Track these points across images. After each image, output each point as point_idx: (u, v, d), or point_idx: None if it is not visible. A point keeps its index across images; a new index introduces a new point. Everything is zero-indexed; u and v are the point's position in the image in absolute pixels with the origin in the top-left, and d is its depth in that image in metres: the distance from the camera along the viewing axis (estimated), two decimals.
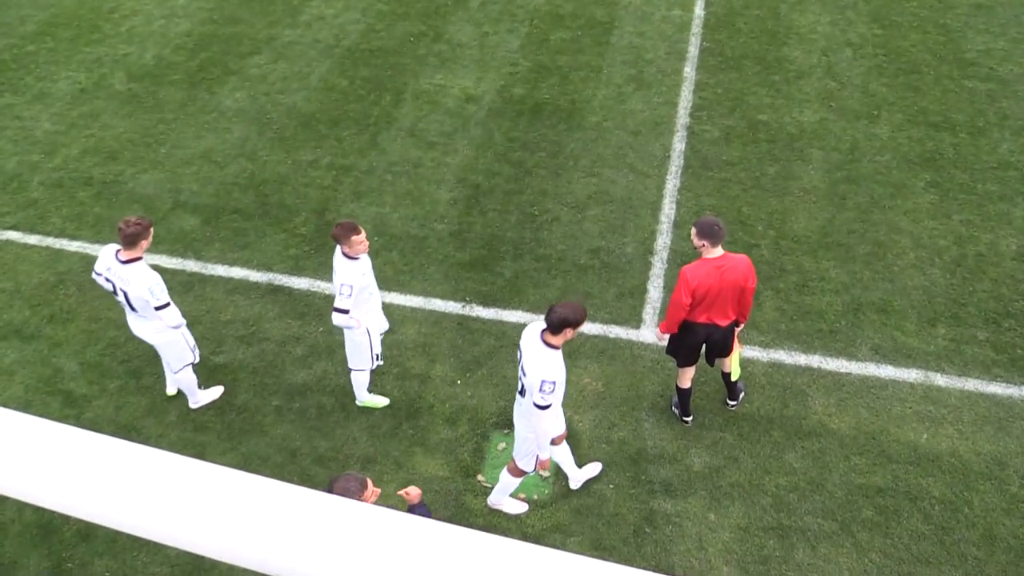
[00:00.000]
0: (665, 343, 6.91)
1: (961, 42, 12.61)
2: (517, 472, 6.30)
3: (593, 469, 6.79)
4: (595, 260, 8.81)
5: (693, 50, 12.34)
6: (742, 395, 7.25)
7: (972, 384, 7.59)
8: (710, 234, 6.21)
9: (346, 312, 6.53)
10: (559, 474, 6.86)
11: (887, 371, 7.67)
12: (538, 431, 5.75)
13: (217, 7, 13.34)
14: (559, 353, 5.54)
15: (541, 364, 5.49)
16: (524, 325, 8.02)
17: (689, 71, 11.86)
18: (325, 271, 8.65)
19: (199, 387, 7.36)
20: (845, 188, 9.71)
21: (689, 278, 6.27)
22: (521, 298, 8.38)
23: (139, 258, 6.49)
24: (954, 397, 7.47)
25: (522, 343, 5.71)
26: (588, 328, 8.03)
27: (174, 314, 6.68)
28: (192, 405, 7.40)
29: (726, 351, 6.76)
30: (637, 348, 7.87)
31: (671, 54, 12.24)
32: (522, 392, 5.79)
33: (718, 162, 10.14)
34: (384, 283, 8.49)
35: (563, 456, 6.52)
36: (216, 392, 7.51)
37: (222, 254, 8.93)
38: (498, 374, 7.63)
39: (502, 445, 7.08)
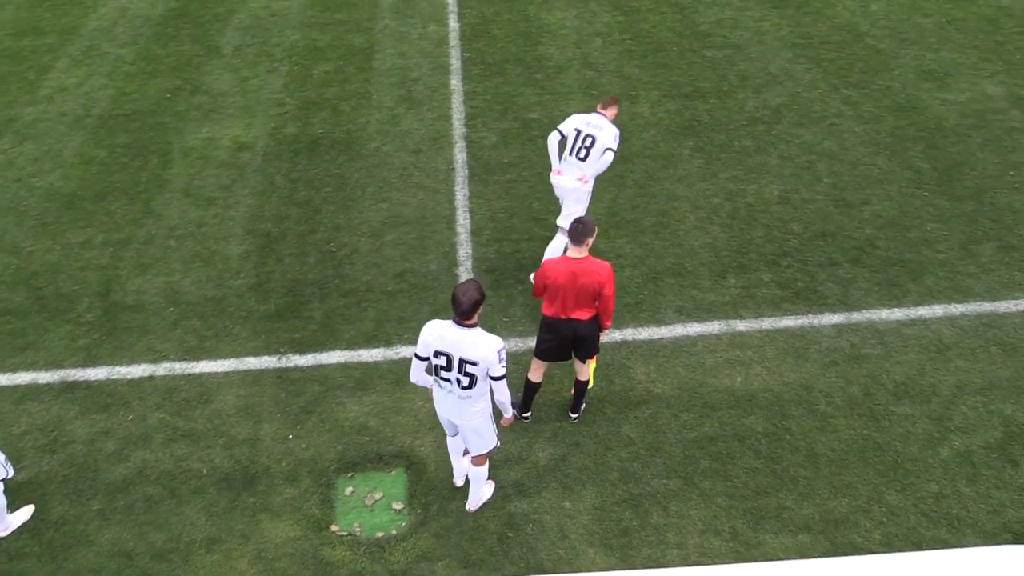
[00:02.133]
0: None
1: (694, 17, 13.68)
2: (483, 459, 6.42)
3: None
4: (402, 283, 8.79)
5: (455, 62, 12.61)
6: (583, 407, 7.42)
7: (768, 323, 8.25)
8: (571, 233, 6.50)
9: None
10: (412, 503, 6.79)
11: (693, 328, 8.17)
12: (504, 398, 5.96)
13: None
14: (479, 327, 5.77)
15: (485, 341, 5.69)
16: (344, 365, 7.94)
17: (456, 83, 12.10)
18: (123, 354, 8.09)
19: (7, 511, 6.65)
20: (621, 168, 10.25)
21: (545, 268, 6.62)
22: (336, 337, 8.22)
23: None
24: (755, 338, 8.08)
25: (440, 343, 5.74)
26: (410, 352, 8.00)
27: None
28: (1, 533, 6.69)
29: (593, 349, 6.88)
30: None
31: (435, 69, 12.44)
32: (470, 385, 5.82)
33: (501, 165, 10.41)
34: (190, 353, 8.08)
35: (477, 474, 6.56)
36: (26, 513, 6.82)
37: (1, 361, 8.14)
38: (330, 419, 7.45)
39: (349, 489, 6.91)
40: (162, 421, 7.48)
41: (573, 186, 8.12)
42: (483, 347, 5.69)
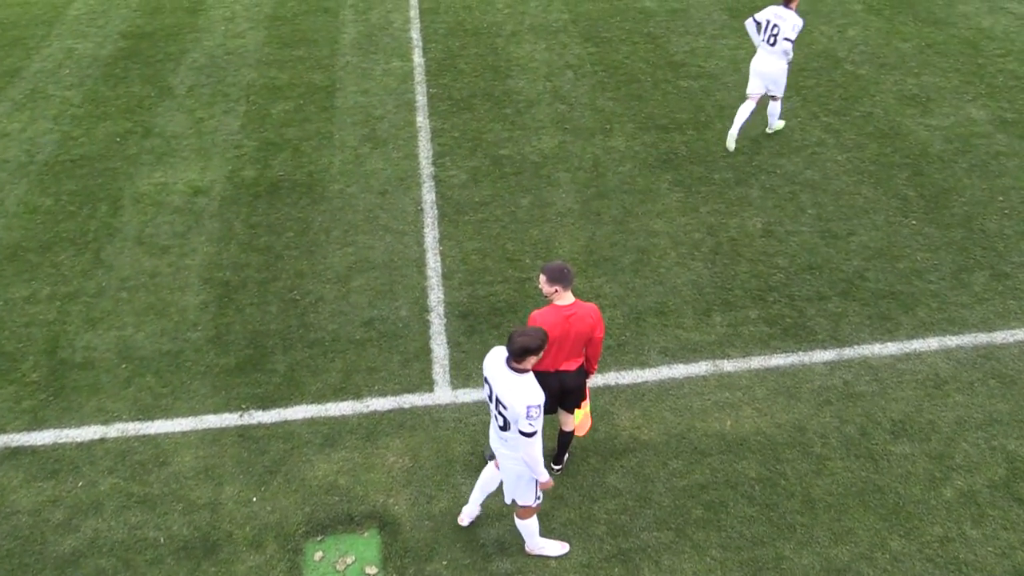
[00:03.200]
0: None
1: (667, 47, 13.92)
2: (528, 512, 6.33)
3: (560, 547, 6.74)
4: (371, 331, 8.73)
5: (421, 98, 12.70)
6: (567, 457, 7.34)
7: (756, 362, 8.26)
8: (560, 278, 6.23)
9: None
10: (386, 567, 6.66)
11: (679, 370, 8.17)
12: (530, 458, 5.80)
13: None
14: (531, 375, 5.69)
15: (520, 392, 5.60)
16: (311, 420, 7.84)
17: (422, 120, 12.17)
18: (71, 416, 7.93)
19: None
20: (598, 204, 10.32)
21: (538, 323, 6.27)
22: (302, 391, 8.12)
23: None
24: (744, 378, 8.09)
25: (489, 372, 5.79)
26: (381, 404, 7.93)
27: None
28: None
29: (580, 397, 6.75)
30: (436, 412, 7.86)
31: (400, 106, 12.52)
32: (505, 427, 5.82)
33: (471, 204, 10.44)
34: (145, 412, 7.93)
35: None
36: None
37: None
38: (296, 478, 7.32)
39: (319, 554, 6.77)
40: (115, 487, 7.31)
41: (766, 70, 10.77)
42: (517, 396, 5.62)
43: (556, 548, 6.68)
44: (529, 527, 6.47)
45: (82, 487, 7.34)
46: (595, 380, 8.05)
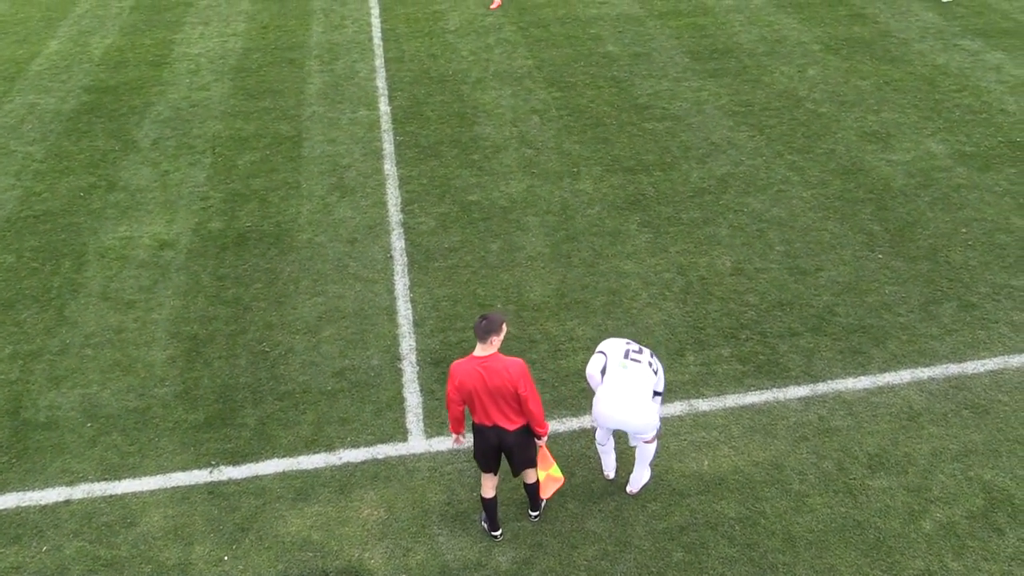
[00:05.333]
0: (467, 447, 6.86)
1: (631, 90, 14.14)
2: (654, 439, 7.06)
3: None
4: (342, 382, 8.64)
5: (388, 146, 12.76)
6: (544, 503, 7.27)
7: (731, 400, 8.28)
8: (476, 329, 6.27)
9: None
10: None
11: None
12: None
13: None
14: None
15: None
16: (283, 474, 7.71)
17: (390, 168, 12.22)
18: (35, 478, 7.74)
19: None
20: (568, 247, 10.37)
21: (452, 372, 6.36)
22: (273, 444, 7.99)
23: None
24: (720, 417, 8.09)
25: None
26: (354, 455, 7.83)
27: None
28: None
29: (525, 460, 6.67)
30: (410, 462, 7.77)
31: (368, 154, 12.56)
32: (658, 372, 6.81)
33: (441, 251, 10.45)
34: (111, 471, 7.77)
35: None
36: None
37: None
38: (269, 535, 7.17)
39: None
40: (80, 550, 7.12)
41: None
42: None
43: (648, 475, 7.42)
44: (651, 451, 7.11)
45: (47, 552, 7.14)
46: (570, 424, 8.02)
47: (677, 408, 8.18)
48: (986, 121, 12.80)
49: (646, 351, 6.94)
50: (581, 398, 8.28)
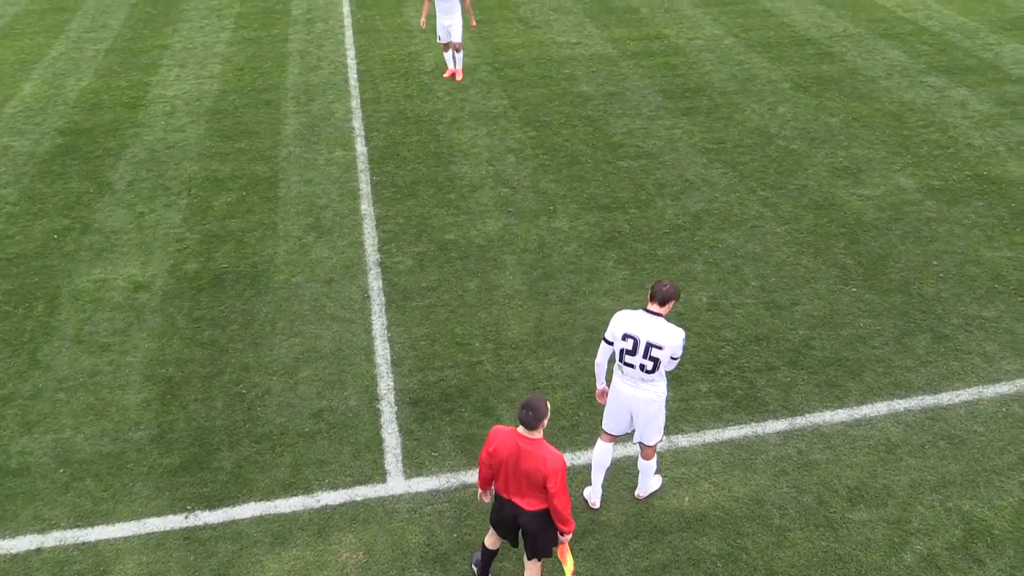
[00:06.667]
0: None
1: (605, 129, 14.29)
2: (652, 452, 7.31)
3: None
4: (320, 423, 8.56)
5: (365, 186, 12.78)
6: None
7: (711, 435, 8.28)
8: (523, 421, 5.92)
9: None
10: None
11: (634, 448, 8.12)
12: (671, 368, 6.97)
13: None
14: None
15: (671, 329, 6.74)
16: (260, 518, 7.59)
17: (367, 208, 12.23)
18: (5, 526, 7.57)
19: None
20: (545, 285, 10.40)
21: (491, 435, 6.09)
22: (250, 488, 7.88)
23: None
24: (699, 453, 8.08)
25: (631, 328, 6.77)
26: (332, 497, 7.73)
27: None
28: None
29: (540, 548, 6.35)
30: (389, 503, 7.68)
31: (345, 195, 12.57)
32: (654, 369, 6.80)
33: (418, 290, 10.44)
34: (84, 518, 7.61)
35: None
36: None
37: None
38: None
39: None
40: None
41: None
42: (669, 333, 6.72)
43: (658, 481, 7.73)
44: (651, 466, 7.38)
45: None
46: None
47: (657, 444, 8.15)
48: (953, 155, 13.04)
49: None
50: (561, 435, 8.24)
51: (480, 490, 6.47)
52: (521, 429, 5.97)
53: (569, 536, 6.23)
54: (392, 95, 15.94)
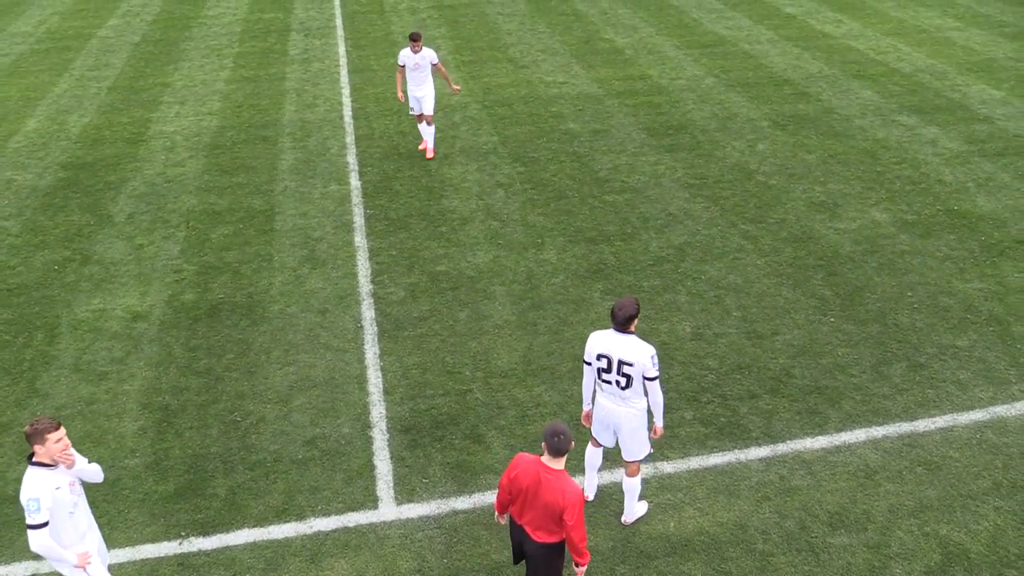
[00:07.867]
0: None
1: (592, 164, 14.36)
2: (638, 469, 7.32)
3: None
4: (313, 450, 8.48)
5: (359, 220, 12.78)
6: None
7: (695, 462, 8.24)
8: (550, 448, 5.84)
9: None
10: None
11: (620, 474, 8.06)
12: (657, 401, 6.90)
13: None
14: (637, 337, 6.83)
15: (640, 346, 6.73)
16: (253, 544, 7.49)
17: (360, 240, 12.22)
18: (2, 553, 7.44)
19: None
20: (534, 315, 10.38)
21: (514, 462, 6.02)
22: (244, 515, 7.78)
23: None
24: (684, 479, 8.04)
25: (604, 348, 6.79)
26: (324, 524, 7.64)
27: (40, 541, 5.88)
28: None
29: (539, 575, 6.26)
30: (381, 529, 7.59)
31: (339, 227, 12.57)
32: (628, 385, 6.82)
33: (410, 320, 10.41)
34: None
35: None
36: None
37: None
38: None
39: None
40: None
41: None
42: (639, 350, 6.71)
43: (644, 507, 7.67)
44: (636, 485, 7.33)
45: None
46: None
47: (642, 471, 8.11)
48: (925, 191, 13.16)
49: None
50: None
51: (497, 513, 6.39)
52: (545, 459, 5.89)
53: (584, 568, 6.08)
54: (385, 132, 16.00)
